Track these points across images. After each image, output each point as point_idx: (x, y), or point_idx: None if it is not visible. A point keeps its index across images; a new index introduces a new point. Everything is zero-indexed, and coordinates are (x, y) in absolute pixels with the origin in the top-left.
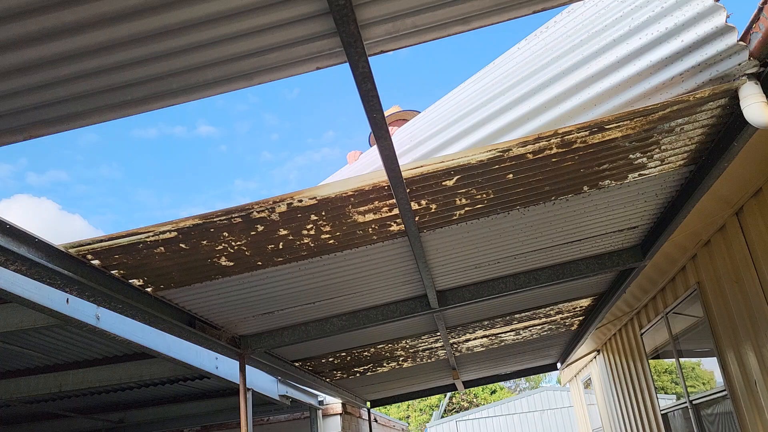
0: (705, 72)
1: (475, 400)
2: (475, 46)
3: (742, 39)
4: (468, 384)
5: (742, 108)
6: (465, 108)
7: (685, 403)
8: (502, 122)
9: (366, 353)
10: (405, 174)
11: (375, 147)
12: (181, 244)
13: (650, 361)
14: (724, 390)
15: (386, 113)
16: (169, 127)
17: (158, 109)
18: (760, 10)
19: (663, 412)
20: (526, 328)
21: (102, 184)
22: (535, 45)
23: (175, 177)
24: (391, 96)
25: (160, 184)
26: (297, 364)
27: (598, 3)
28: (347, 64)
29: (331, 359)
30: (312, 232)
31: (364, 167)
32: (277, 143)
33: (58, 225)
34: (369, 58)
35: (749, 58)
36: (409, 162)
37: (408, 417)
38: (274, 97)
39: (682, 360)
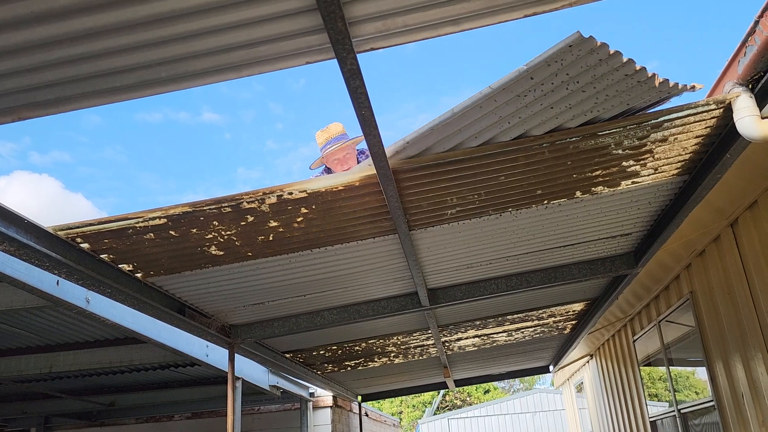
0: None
1: (468, 398)
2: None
3: (737, 52)
4: (459, 383)
5: (735, 120)
6: None
7: (674, 411)
8: None
9: (357, 348)
10: (395, 171)
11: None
12: (170, 231)
13: (642, 368)
14: (712, 400)
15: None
16: (174, 112)
17: (147, 96)
18: (756, 23)
19: (651, 419)
20: (518, 329)
21: (106, 166)
22: None
23: (179, 162)
24: (401, 92)
25: (164, 168)
26: (288, 356)
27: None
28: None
29: (322, 352)
30: (302, 225)
31: None
32: (282, 133)
33: (60, 204)
34: (358, 55)
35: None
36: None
37: (401, 413)
38: (280, 87)
39: (674, 369)
